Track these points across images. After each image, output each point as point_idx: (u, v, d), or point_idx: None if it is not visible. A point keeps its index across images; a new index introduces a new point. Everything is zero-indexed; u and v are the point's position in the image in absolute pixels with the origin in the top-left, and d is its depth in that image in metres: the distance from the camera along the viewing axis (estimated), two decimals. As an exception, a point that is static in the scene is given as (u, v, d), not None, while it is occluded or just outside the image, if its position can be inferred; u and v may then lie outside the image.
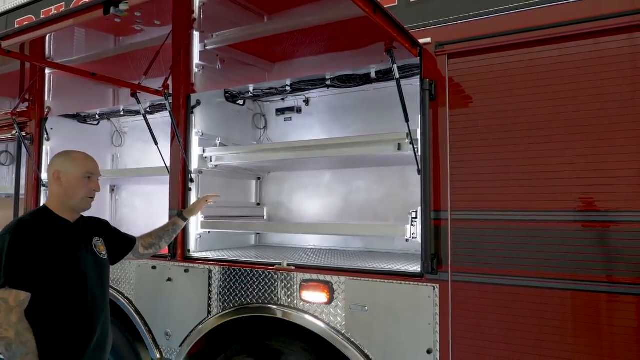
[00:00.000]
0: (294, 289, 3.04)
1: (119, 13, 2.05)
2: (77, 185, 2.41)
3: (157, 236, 3.11)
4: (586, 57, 2.40)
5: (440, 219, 2.67)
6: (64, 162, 2.45)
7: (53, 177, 2.42)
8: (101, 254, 2.55)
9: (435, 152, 2.70)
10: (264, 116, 4.59)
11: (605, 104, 2.35)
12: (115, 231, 2.85)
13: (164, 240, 3.13)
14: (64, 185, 2.40)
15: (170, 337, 3.49)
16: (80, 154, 2.53)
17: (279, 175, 4.54)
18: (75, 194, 2.41)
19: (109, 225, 2.81)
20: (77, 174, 2.41)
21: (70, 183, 2.40)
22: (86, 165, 2.47)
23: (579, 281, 2.35)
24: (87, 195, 2.45)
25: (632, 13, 2.29)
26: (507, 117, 2.55)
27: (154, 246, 3.06)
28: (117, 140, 5.45)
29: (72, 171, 2.41)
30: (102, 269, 2.54)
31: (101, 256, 2.55)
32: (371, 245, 4.00)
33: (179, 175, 3.63)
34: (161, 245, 3.11)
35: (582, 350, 2.33)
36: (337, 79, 3.68)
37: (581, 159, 2.38)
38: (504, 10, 2.62)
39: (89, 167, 2.48)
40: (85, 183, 2.43)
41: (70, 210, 2.45)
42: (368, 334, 2.80)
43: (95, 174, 2.50)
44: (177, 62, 3.59)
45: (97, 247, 2.54)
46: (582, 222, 2.37)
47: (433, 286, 2.64)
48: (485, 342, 2.53)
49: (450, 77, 2.70)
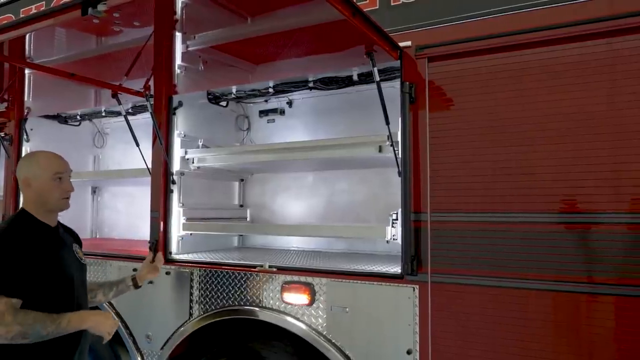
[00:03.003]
0: (275, 291, 3.04)
1: (97, 14, 2.04)
2: (49, 189, 2.31)
3: (99, 285, 2.72)
4: (566, 60, 2.44)
5: (420, 220, 2.69)
6: (29, 166, 2.34)
7: (23, 184, 2.33)
8: (82, 259, 2.51)
9: (415, 154, 2.73)
10: (247, 118, 4.58)
11: (585, 107, 2.38)
12: None
13: (101, 293, 2.67)
14: (36, 191, 2.31)
15: (151, 340, 3.46)
16: (45, 155, 2.41)
17: (262, 176, 4.53)
18: (49, 197, 2.32)
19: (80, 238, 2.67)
20: (45, 178, 2.30)
21: (41, 188, 2.30)
22: (53, 166, 2.35)
23: (559, 282, 2.38)
24: (61, 196, 2.36)
25: (612, 18, 2.34)
26: (486, 120, 2.59)
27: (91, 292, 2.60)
28: (99, 142, 5.40)
29: (40, 175, 2.30)
30: (83, 273, 2.50)
31: (82, 261, 2.51)
32: (354, 246, 4.01)
33: (161, 177, 3.61)
34: (97, 298, 2.66)
35: (562, 350, 2.36)
36: (319, 81, 3.69)
37: (561, 161, 2.42)
38: (484, 14, 2.65)
39: (57, 167, 2.35)
40: (56, 185, 2.33)
41: (49, 213, 2.38)
42: (349, 335, 2.81)
43: (65, 173, 2.38)
44: (159, 63, 3.57)
45: (77, 253, 2.49)
46: (561, 224, 2.41)
47: (413, 287, 2.66)
48: (464, 343, 2.56)
49: (430, 80, 2.72)
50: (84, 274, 2.51)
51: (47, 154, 2.42)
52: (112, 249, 4.11)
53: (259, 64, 3.67)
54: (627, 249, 2.28)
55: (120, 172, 4.61)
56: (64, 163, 2.41)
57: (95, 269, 3.84)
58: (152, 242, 3.54)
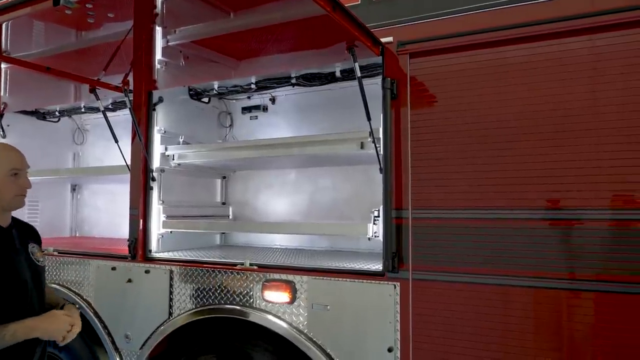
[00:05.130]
0: (256, 289, 3.00)
1: (69, 4, 1.99)
2: (4, 186, 2.17)
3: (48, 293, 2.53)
4: (549, 57, 2.43)
5: (402, 217, 2.67)
6: None
7: None
8: (38, 260, 2.32)
9: (396, 150, 2.71)
10: (230, 114, 4.53)
11: (567, 104, 2.38)
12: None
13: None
14: None
15: (130, 340, 3.40)
16: (1, 148, 2.27)
17: (244, 174, 4.49)
18: (4, 195, 2.17)
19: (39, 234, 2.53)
20: (1, 174, 2.17)
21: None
22: (9, 161, 2.21)
23: (540, 278, 2.37)
24: (17, 193, 2.21)
25: (593, 15, 2.34)
26: (467, 117, 2.57)
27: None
28: (79, 138, 5.30)
29: None
30: (40, 277, 2.32)
31: (39, 263, 2.32)
32: (337, 244, 3.99)
33: (140, 174, 3.54)
34: None
35: (544, 347, 2.36)
36: (302, 78, 3.66)
37: (542, 158, 2.41)
38: (466, 10, 2.64)
39: (13, 163, 2.21)
40: (12, 181, 2.19)
41: (1, 212, 2.22)
42: (330, 333, 2.78)
43: (21, 169, 2.24)
44: (138, 58, 3.50)
45: (33, 254, 2.31)
46: (543, 220, 2.40)
47: (394, 284, 2.64)
48: (446, 340, 2.55)
49: (412, 76, 2.70)
50: (41, 278, 2.34)
51: (4, 147, 2.28)
52: (91, 247, 4.04)
53: (242, 60, 3.61)
54: (607, 245, 2.29)
55: (99, 169, 4.54)
56: (22, 159, 2.28)
57: (74, 267, 3.75)
58: (131, 240, 3.48)
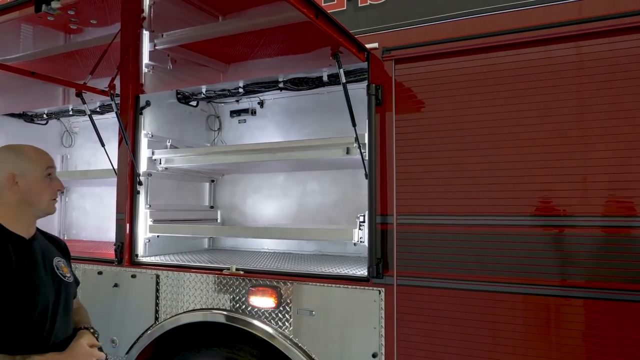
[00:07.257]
0: (242, 294, 3.00)
1: (51, 11, 1.98)
2: (40, 189, 1.93)
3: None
4: (534, 64, 2.44)
5: (387, 223, 2.68)
6: (17, 161, 1.91)
7: (7, 183, 1.88)
8: (65, 276, 2.01)
9: (381, 156, 2.71)
10: (218, 118, 4.53)
11: (554, 110, 2.38)
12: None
13: None
14: (23, 191, 1.89)
15: (116, 345, 3.38)
16: (32, 148, 2.01)
17: (232, 177, 4.48)
18: (40, 200, 1.94)
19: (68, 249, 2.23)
20: (37, 175, 1.92)
21: (30, 187, 1.90)
22: (44, 160, 1.98)
23: (526, 285, 2.37)
24: (52, 197, 1.98)
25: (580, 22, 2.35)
26: (452, 123, 2.58)
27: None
28: (67, 141, 5.28)
29: (31, 172, 1.91)
30: (67, 294, 1.99)
31: (65, 279, 2.00)
32: (325, 248, 3.99)
33: (127, 177, 3.53)
34: None
35: (530, 353, 2.36)
36: (289, 82, 3.67)
37: (528, 164, 2.42)
38: (451, 17, 2.65)
39: (48, 161, 1.99)
40: (47, 183, 1.96)
41: (29, 221, 1.96)
42: (315, 338, 2.78)
43: (55, 169, 2.03)
44: (125, 62, 3.49)
45: (59, 269, 2.00)
46: (528, 227, 2.40)
47: (379, 290, 2.65)
48: (430, 346, 2.55)
49: (397, 82, 2.71)
50: (67, 295, 2.01)
51: (34, 147, 2.02)
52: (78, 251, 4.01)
53: (230, 64, 3.61)
54: (594, 252, 2.29)
55: (85, 173, 4.52)
56: (52, 158, 2.06)
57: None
58: (117, 244, 3.46)
